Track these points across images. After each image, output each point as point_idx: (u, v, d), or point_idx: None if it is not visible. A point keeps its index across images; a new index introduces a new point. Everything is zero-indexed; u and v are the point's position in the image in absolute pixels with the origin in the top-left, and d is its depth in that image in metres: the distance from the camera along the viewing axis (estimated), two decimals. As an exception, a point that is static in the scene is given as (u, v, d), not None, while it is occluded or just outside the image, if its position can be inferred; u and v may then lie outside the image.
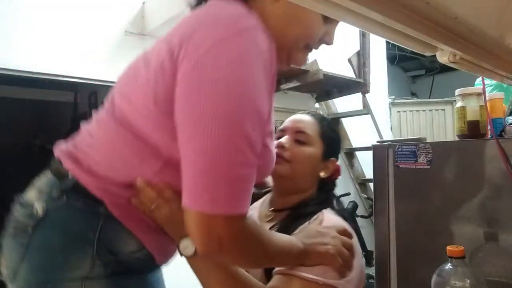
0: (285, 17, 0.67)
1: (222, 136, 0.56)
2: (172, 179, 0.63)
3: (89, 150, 0.68)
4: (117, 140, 0.66)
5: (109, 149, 0.67)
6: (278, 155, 0.91)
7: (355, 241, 0.84)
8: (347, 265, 0.78)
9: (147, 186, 0.65)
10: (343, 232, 0.81)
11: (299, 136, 0.96)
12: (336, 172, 1.02)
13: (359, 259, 0.83)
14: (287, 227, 0.88)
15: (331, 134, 1.01)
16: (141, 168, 0.65)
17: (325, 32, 0.72)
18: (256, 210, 1.03)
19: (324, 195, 0.98)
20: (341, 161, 3.70)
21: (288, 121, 1.01)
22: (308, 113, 1.03)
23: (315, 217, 0.89)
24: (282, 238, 0.74)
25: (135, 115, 0.64)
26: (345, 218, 0.93)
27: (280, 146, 0.94)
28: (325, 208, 0.93)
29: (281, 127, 1.01)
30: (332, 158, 1.00)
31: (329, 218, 0.89)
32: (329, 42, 0.74)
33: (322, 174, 0.97)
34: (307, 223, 0.88)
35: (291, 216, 0.92)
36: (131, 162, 0.66)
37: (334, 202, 1.00)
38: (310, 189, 0.97)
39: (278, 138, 0.98)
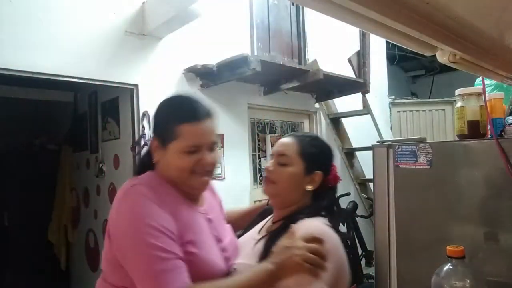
0: (168, 162, 1.01)
1: (139, 257, 0.89)
2: None
3: None
4: (103, 286, 1.03)
5: None
6: (266, 178, 1.13)
7: (329, 245, 0.91)
8: (318, 267, 0.86)
9: None
10: (311, 240, 0.89)
11: (280, 159, 1.11)
12: (331, 180, 1.12)
13: (334, 260, 0.91)
14: (273, 240, 1.00)
15: (311, 150, 1.11)
16: None
17: (196, 160, 0.99)
18: (263, 222, 1.19)
19: (315, 204, 1.09)
20: (341, 161, 3.73)
21: (275, 145, 1.17)
22: (291, 135, 1.16)
23: (289, 230, 0.97)
24: (246, 274, 0.91)
25: (106, 272, 1.01)
26: (336, 225, 1.03)
27: (267, 170, 1.12)
28: (313, 217, 1.02)
29: (271, 152, 1.17)
30: (316, 171, 1.09)
31: (303, 226, 0.97)
32: (205, 165, 1.01)
33: (308, 187, 1.09)
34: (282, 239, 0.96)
35: (279, 229, 1.04)
36: None
37: (325, 210, 1.08)
38: (300, 201, 1.10)
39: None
